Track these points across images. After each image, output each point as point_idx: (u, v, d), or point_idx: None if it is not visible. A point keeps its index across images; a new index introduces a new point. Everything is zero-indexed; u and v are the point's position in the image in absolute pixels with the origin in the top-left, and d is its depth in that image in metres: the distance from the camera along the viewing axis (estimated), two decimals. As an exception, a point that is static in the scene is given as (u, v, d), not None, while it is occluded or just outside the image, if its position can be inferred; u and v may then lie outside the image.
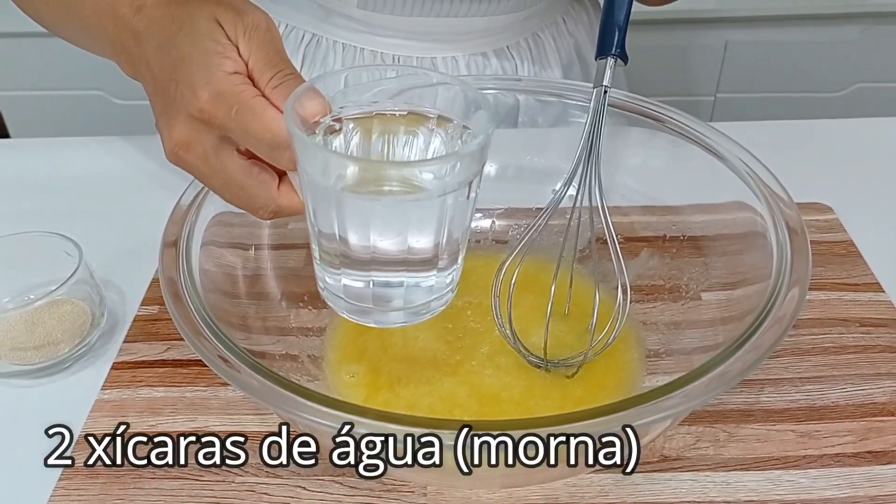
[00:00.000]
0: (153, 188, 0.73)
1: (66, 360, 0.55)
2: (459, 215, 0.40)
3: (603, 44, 0.51)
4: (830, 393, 0.51)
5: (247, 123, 0.40)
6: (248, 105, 0.40)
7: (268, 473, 0.47)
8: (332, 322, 0.55)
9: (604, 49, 0.51)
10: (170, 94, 0.42)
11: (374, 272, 0.41)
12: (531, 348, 0.52)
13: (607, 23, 0.51)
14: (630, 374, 0.52)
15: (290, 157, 0.40)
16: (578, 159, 0.50)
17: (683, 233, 0.57)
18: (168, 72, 0.43)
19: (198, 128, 0.42)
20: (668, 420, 0.42)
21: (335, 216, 0.39)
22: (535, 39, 0.82)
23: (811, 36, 1.45)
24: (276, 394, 0.37)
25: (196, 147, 0.42)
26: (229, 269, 0.52)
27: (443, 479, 0.46)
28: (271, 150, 0.40)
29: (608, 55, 0.51)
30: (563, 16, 0.84)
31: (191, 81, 0.41)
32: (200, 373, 0.54)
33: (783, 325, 0.41)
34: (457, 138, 0.42)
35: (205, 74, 0.41)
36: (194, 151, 0.42)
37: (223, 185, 0.43)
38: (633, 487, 0.46)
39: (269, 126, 0.40)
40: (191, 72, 0.41)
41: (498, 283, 0.52)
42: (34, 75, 1.53)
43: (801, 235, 0.46)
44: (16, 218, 0.68)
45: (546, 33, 0.82)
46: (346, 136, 0.42)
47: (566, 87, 0.61)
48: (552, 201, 0.51)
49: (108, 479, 0.47)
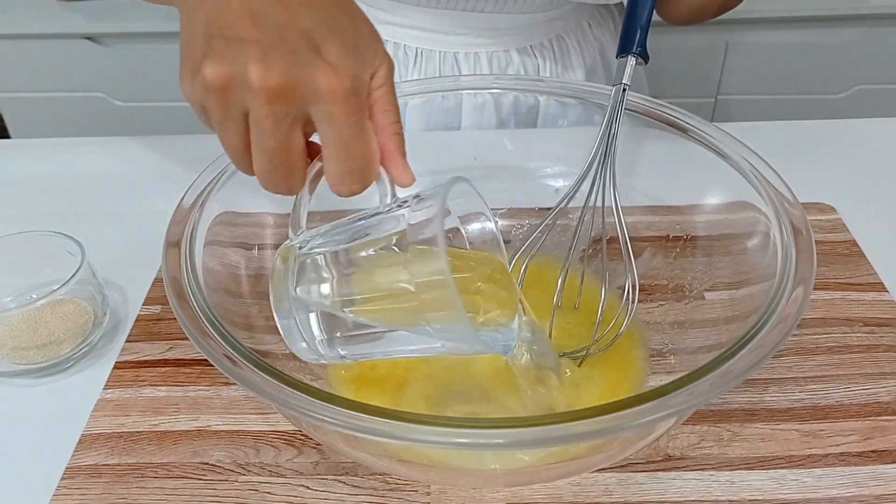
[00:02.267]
0: (155, 188, 0.72)
1: (68, 359, 0.54)
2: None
3: (624, 43, 0.52)
4: (834, 392, 0.51)
5: (354, 136, 0.38)
6: (370, 121, 0.38)
7: (271, 472, 0.47)
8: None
9: (625, 48, 0.52)
10: (300, 24, 0.37)
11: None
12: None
13: (629, 22, 0.52)
14: (635, 373, 0.52)
15: (356, 191, 0.40)
16: (594, 155, 0.50)
17: (687, 232, 0.57)
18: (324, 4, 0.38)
19: (296, 82, 0.37)
20: (673, 419, 0.42)
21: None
22: (559, 41, 0.82)
23: (812, 38, 1.46)
24: (282, 392, 0.37)
25: (281, 102, 0.37)
26: (232, 269, 0.52)
27: (446, 478, 0.46)
28: (347, 175, 0.39)
29: (629, 54, 0.51)
30: (588, 20, 0.84)
31: (348, 41, 0.37)
32: (203, 372, 0.54)
33: (787, 325, 0.41)
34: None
35: (370, 49, 0.37)
36: (271, 103, 0.37)
37: (270, 153, 0.39)
38: (637, 486, 0.46)
39: (371, 161, 0.38)
40: (357, 32, 0.38)
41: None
42: (34, 77, 1.53)
43: (806, 235, 0.46)
44: (18, 218, 0.68)
45: (570, 36, 0.82)
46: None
47: (587, 90, 0.61)
48: (565, 196, 0.51)
49: (111, 479, 0.47)
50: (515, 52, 0.79)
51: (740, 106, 1.54)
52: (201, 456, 0.48)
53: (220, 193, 0.50)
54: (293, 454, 0.48)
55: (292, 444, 0.49)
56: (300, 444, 0.49)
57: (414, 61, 0.80)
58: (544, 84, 0.66)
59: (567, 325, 0.54)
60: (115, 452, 0.49)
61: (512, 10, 0.76)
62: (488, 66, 0.79)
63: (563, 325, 0.53)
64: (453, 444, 0.35)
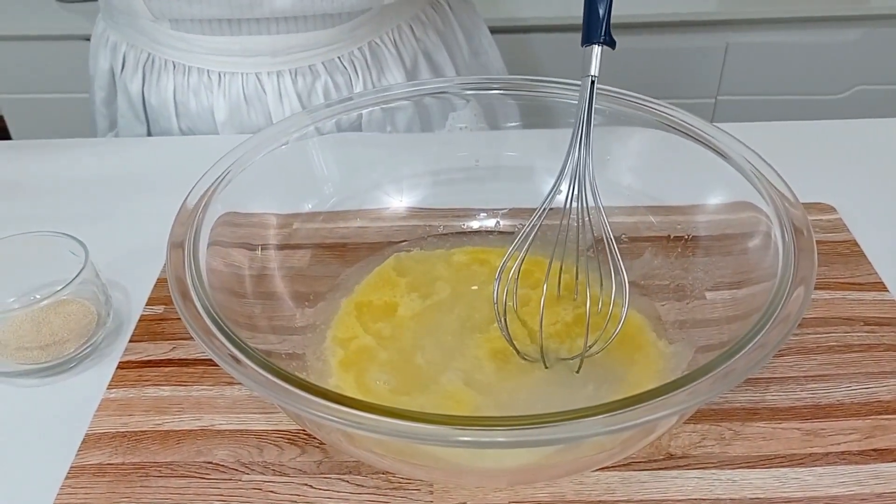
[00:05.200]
0: (158, 189, 0.73)
1: (71, 359, 0.55)
2: None
3: (588, 31, 0.49)
4: (836, 391, 0.51)
5: None
6: None
7: (274, 471, 0.47)
8: (336, 321, 0.55)
9: (590, 36, 0.49)
10: None
11: None
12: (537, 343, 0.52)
13: (591, 9, 0.49)
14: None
15: None
16: (569, 153, 0.50)
17: (688, 232, 0.57)
18: None
19: None
20: (675, 417, 0.42)
21: None
22: (371, 48, 0.81)
23: (812, 38, 1.46)
24: (286, 391, 0.37)
25: None
26: (236, 269, 0.52)
27: (449, 477, 0.46)
28: None
29: (594, 42, 0.50)
30: (408, 22, 0.83)
31: None
32: (206, 371, 0.54)
33: (788, 324, 0.41)
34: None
35: None
36: None
37: None
38: (639, 485, 0.46)
39: None
40: None
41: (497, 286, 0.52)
42: (36, 78, 1.53)
43: (807, 235, 0.46)
44: (21, 219, 0.68)
45: (386, 41, 0.82)
46: None
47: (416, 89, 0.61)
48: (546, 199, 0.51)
49: (115, 478, 0.47)
50: (322, 65, 0.79)
51: (741, 106, 1.54)
52: (205, 455, 0.48)
53: (223, 194, 0.50)
54: (296, 453, 0.48)
55: (296, 443, 0.49)
56: (303, 443, 0.49)
57: (218, 84, 0.81)
58: (356, 101, 0.62)
59: (566, 327, 0.54)
60: (118, 452, 0.49)
61: (300, 30, 0.76)
62: (292, 83, 0.79)
63: (563, 327, 0.53)
64: (455, 443, 0.35)
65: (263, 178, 0.54)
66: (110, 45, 0.87)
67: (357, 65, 0.80)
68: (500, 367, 0.51)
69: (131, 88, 0.85)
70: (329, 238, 0.60)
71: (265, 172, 0.54)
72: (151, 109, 0.85)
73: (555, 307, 0.55)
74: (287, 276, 0.56)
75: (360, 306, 0.56)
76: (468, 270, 0.59)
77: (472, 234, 0.63)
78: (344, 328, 0.55)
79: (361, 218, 0.62)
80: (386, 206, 0.63)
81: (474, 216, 0.64)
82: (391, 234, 0.62)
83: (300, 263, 0.57)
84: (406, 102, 0.61)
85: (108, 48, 0.87)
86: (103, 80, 0.89)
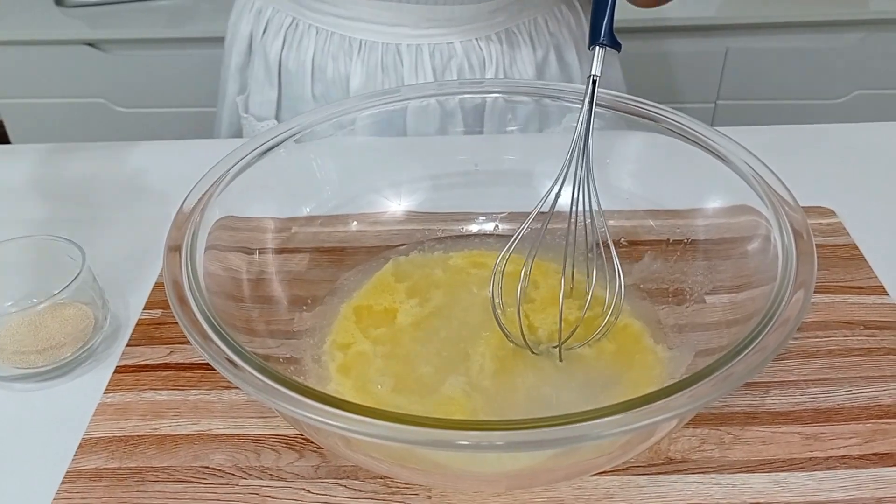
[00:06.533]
0: (156, 193, 0.73)
1: (69, 363, 0.54)
2: None
3: (592, 33, 0.52)
4: (836, 395, 0.51)
5: None
6: None
7: (272, 476, 0.47)
8: (334, 326, 0.55)
9: (593, 38, 0.52)
10: None
11: None
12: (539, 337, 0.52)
13: (596, 12, 0.52)
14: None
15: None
16: (570, 154, 0.50)
17: (687, 236, 0.57)
18: None
19: None
20: (674, 421, 0.42)
21: None
22: (508, 35, 0.82)
23: (811, 43, 1.46)
24: (284, 396, 0.37)
25: None
26: (233, 273, 0.52)
27: (447, 482, 0.46)
28: None
29: (596, 44, 0.52)
30: (545, 16, 0.85)
31: None
32: (203, 376, 0.54)
33: (788, 328, 0.41)
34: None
35: None
36: None
37: None
38: (638, 490, 0.46)
39: None
40: None
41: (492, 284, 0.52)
42: (35, 83, 1.53)
43: (807, 238, 0.46)
44: (18, 223, 0.68)
45: (521, 30, 0.83)
46: None
47: (537, 86, 0.62)
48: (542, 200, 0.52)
49: (111, 482, 0.47)
50: (459, 44, 0.81)
51: (740, 111, 1.54)
52: (202, 460, 0.48)
53: (220, 198, 0.50)
54: (294, 458, 0.48)
55: (293, 447, 0.49)
56: (301, 447, 0.49)
57: (358, 52, 0.82)
58: (486, 84, 0.67)
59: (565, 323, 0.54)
60: (115, 456, 0.49)
61: (448, 2, 0.77)
62: (430, 57, 0.80)
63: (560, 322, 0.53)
64: (454, 447, 0.35)
65: (261, 181, 0.54)
66: (255, 10, 0.89)
67: (493, 49, 0.82)
68: (498, 372, 0.51)
69: (270, 53, 0.86)
70: (327, 242, 0.60)
71: (263, 176, 0.54)
72: (286, 73, 0.87)
73: (553, 305, 0.55)
74: (285, 280, 0.55)
75: (358, 311, 0.56)
76: (466, 274, 0.59)
77: (470, 238, 0.63)
78: (343, 333, 0.55)
79: (360, 222, 0.62)
80: (384, 209, 0.63)
81: (473, 220, 0.64)
82: (389, 238, 0.62)
83: (298, 267, 0.57)
84: (527, 98, 0.63)
85: (252, 13, 0.89)
86: (242, 44, 0.91)
